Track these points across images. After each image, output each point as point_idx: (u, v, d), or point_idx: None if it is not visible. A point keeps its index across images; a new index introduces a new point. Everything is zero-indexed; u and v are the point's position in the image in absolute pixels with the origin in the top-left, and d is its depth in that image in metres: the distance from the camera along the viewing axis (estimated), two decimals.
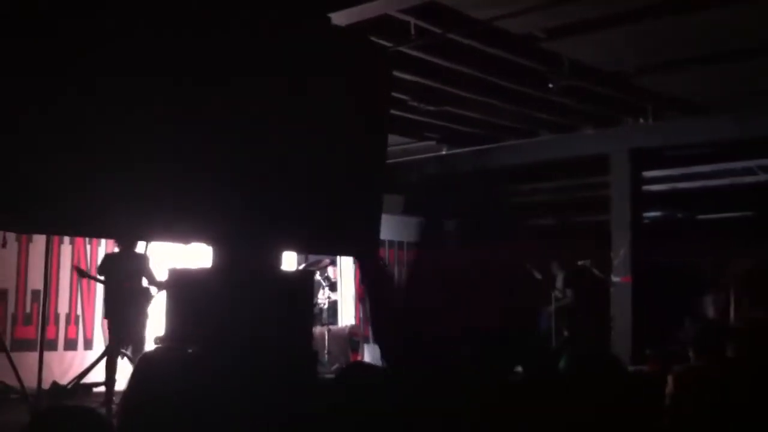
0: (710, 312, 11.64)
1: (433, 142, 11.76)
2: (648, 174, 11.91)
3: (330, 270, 10.90)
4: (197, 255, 4.02)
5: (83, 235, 7.33)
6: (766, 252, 12.40)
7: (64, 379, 7.84)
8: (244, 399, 2.70)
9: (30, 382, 7.05)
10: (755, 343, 3.14)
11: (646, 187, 11.89)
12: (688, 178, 12.89)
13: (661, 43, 7.55)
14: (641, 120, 10.31)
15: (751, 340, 3.18)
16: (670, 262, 13.51)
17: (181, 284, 3.75)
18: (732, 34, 7.18)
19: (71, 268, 8.49)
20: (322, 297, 10.58)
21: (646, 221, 12.56)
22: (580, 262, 11.46)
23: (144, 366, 2.20)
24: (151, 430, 1.96)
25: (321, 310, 10.52)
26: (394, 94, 8.56)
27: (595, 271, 11.14)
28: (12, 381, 7.15)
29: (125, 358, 7.30)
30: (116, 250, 7.78)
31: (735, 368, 3.34)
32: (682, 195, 13.53)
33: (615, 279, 10.47)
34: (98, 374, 7.56)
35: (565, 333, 10.80)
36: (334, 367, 9.61)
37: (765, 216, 13.40)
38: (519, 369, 2.62)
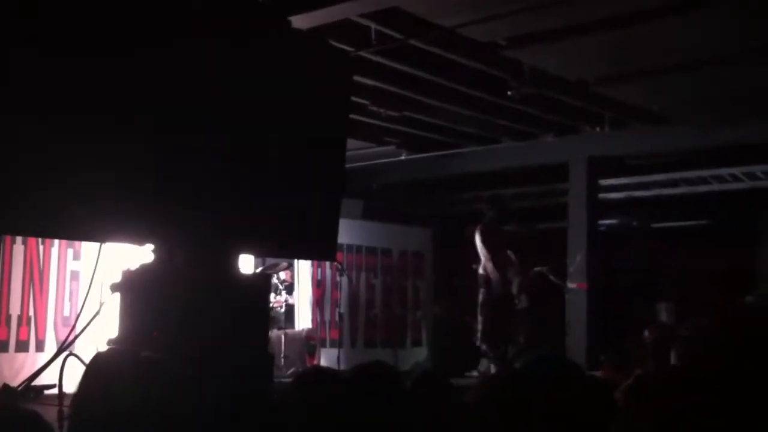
0: (664, 318, 11.79)
1: (392, 148, 11.77)
2: (605, 182, 12.05)
3: (286, 273, 10.84)
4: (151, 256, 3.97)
5: (36, 235, 7.22)
6: (720, 260, 12.61)
7: (16, 381, 7.70)
8: (198, 403, 2.67)
9: None
10: (698, 350, 3.18)
11: (602, 195, 12.03)
12: (644, 187, 13.06)
13: (619, 53, 7.64)
14: (599, 129, 10.42)
15: (694, 347, 3.21)
16: (625, 269, 13.67)
17: (135, 286, 3.71)
18: (689, 45, 7.29)
19: (23, 269, 8.35)
20: (279, 300, 10.52)
21: (602, 229, 12.69)
22: (537, 269, 11.54)
23: (95, 368, 2.17)
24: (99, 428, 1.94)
25: (278, 313, 10.46)
26: (355, 99, 8.54)
27: (552, 278, 11.23)
28: None
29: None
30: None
31: (681, 375, 3.38)
32: (638, 203, 13.70)
33: (570, 285, 10.57)
34: (50, 376, 7.44)
35: (521, 339, 10.85)
36: (291, 371, 9.57)
37: (719, 225, 13.63)
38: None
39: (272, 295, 10.12)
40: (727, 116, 9.47)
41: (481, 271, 9.57)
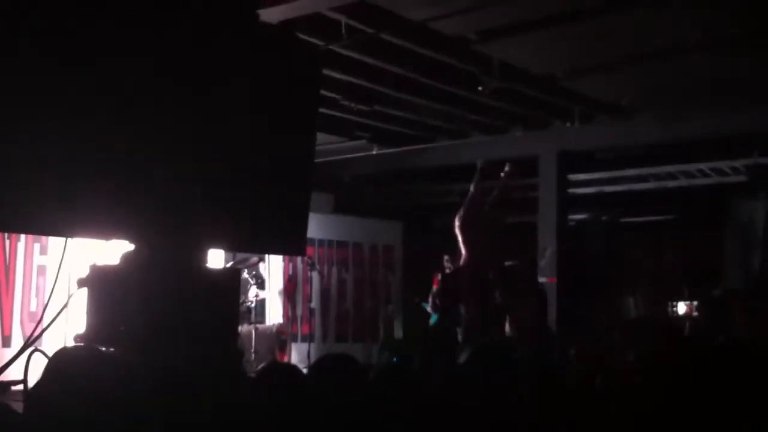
0: (632, 312, 11.91)
1: (363, 142, 11.76)
2: (575, 177, 12.11)
3: (258, 267, 10.79)
4: (119, 251, 3.94)
5: (1, 229, 7.13)
6: (687, 254, 12.75)
7: None
8: (164, 400, 2.65)
9: None
10: (668, 342, 3.21)
11: (572, 190, 12.09)
12: (613, 182, 13.15)
13: (588, 47, 7.67)
14: (569, 123, 10.47)
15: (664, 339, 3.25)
16: (594, 263, 13.77)
17: (102, 281, 3.68)
18: (658, 38, 7.34)
19: None
20: (251, 295, 10.46)
21: (572, 223, 12.77)
22: (507, 263, 11.58)
23: (57, 362, 2.16)
24: (54, 423, 1.92)
25: (249, 308, 10.40)
26: (326, 93, 8.53)
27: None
28: None
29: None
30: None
31: (654, 365, 3.41)
32: (607, 198, 13.79)
33: (540, 279, 10.62)
34: (16, 372, 7.35)
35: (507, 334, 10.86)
36: (261, 366, 9.52)
37: (685, 219, 13.78)
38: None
39: (247, 290, 10.08)
40: (694, 111, 9.55)
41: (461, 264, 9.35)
